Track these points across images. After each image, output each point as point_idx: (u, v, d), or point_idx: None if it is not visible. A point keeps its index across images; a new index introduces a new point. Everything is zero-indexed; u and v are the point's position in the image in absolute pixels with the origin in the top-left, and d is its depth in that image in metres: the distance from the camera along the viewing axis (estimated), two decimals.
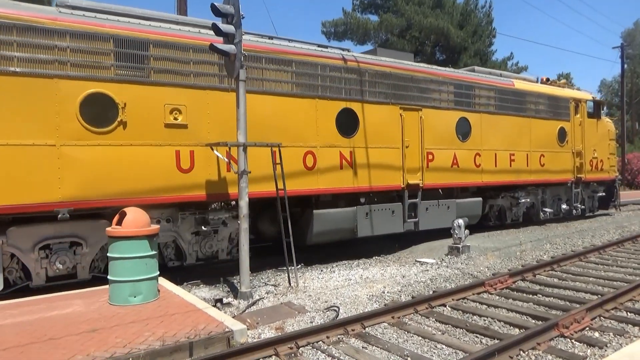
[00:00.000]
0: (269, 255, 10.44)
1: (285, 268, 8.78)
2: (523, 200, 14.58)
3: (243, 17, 7.79)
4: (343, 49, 10.93)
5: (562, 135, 15.53)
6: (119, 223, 6.41)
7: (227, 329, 5.41)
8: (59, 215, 7.19)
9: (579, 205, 16.51)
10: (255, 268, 9.28)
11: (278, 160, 8.51)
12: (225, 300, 7.31)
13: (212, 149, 8.22)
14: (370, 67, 10.74)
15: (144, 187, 7.86)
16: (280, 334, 5.82)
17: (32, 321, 5.72)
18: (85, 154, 7.42)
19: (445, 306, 7.10)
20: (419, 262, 10.37)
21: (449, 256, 10.80)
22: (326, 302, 7.35)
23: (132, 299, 6.27)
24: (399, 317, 6.56)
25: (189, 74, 8.37)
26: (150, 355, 4.80)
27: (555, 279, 8.61)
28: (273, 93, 9.30)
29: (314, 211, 9.90)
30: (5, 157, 6.86)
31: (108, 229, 6.45)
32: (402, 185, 11.24)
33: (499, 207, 14.42)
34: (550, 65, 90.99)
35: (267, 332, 6.05)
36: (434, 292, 7.81)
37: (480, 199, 13.22)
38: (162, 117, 8.07)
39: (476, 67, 14.20)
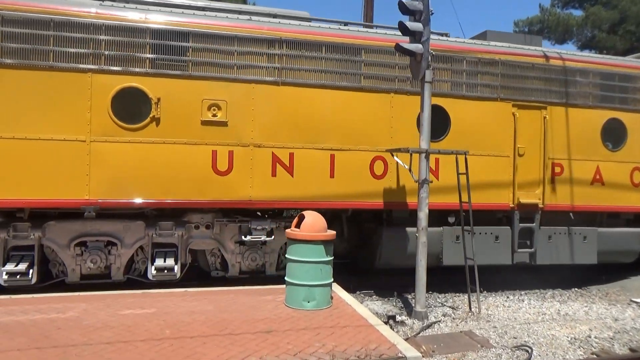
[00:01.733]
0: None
1: (462, 289, 7.88)
2: None
3: (432, 14, 7.23)
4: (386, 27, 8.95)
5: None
6: (298, 226, 6.41)
7: (400, 354, 4.89)
8: (85, 214, 7.10)
9: None
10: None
11: (463, 170, 7.69)
12: (398, 318, 6.81)
13: (393, 155, 7.81)
14: (469, 54, 8.68)
15: (178, 188, 7.30)
16: None
17: (217, 312, 6.02)
18: (115, 151, 7.10)
19: None
20: (636, 303, 8.39)
21: None
22: (515, 338, 6.29)
23: (305, 303, 6.20)
24: None
25: (232, 66, 7.58)
26: None
27: None
28: (336, 87, 8.01)
29: (384, 229, 8.36)
30: (36, 152, 6.81)
31: (288, 230, 6.50)
32: (511, 205, 8.76)
33: None
34: None
35: None
36: None
37: (639, 230, 9.73)
38: (199, 113, 7.41)
39: None
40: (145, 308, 6.09)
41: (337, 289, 7.17)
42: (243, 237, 7.77)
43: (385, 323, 6.23)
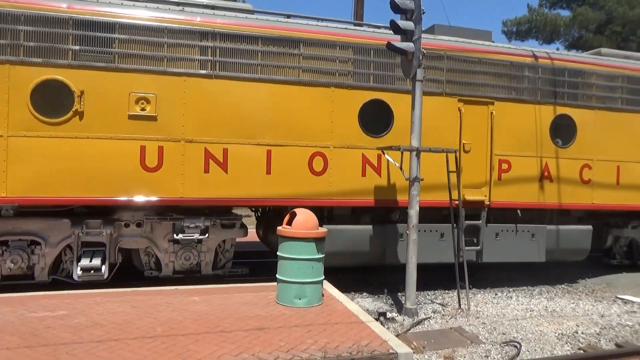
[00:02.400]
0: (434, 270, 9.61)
1: (452, 286, 7.96)
2: None
3: (424, 13, 7.27)
4: (370, 25, 8.80)
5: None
6: (289, 223, 6.42)
7: (391, 350, 4.93)
8: (2, 212, 6.85)
9: None
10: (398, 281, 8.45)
11: (453, 168, 7.76)
12: (389, 315, 6.86)
13: (384, 153, 7.85)
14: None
15: (104, 185, 7.01)
16: None
17: (209, 310, 6.01)
18: (36, 146, 6.78)
19: None
20: (622, 299, 8.53)
21: None
22: (504, 334, 6.37)
23: (297, 301, 6.22)
24: None
25: (162, 59, 7.28)
26: None
27: None
28: (273, 81, 7.74)
29: (323, 226, 7.77)
30: None
31: (279, 228, 6.51)
32: (456, 202, 8.40)
33: (628, 240, 10.46)
34: None
35: None
36: None
37: (589, 227, 9.52)
38: (126, 107, 7.10)
39: (604, 50, 10.71)
40: (136, 306, 6.06)
41: (328, 286, 7.20)
42: (175, 235, 7.52)
43: (376, 320, 6.27)
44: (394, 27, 7.21)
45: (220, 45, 7.52)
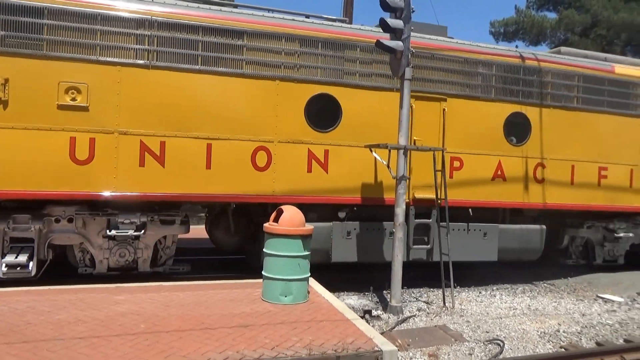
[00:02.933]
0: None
1: (436, 284, 8.02)
2: (623, 235, 10.18)
3: (414, 11, 7.30)
4: (308, 15, 8.48)
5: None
6: (276, 220, 6.39)
7: (376, 348, 4.94)
8: None
9: None
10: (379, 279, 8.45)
11: (439, 167, 7.81)
12: (374, 313, 6.89)
13: (371, 151, 7.85)
14: (364, 41, 8.15)
15: (31, 178, 6.72)
16: None
17: (194, 307, 5.96)
18: None
19: None
20: (602, 298, 8.68)
21: None
22: (487, 332, 6.44)
23: (282, 298, 6.20)
24: None
25: (94, 47, 6.97)
26: None
27: None
28: (214, 72, 7.49)
29: (265, 224, 7.65)
30: None
31: (265, 224, 6.48)
32: (406, 200, 8.01)
33: (583, 240, 10.30)
34: None
35: (419, 358, 5.46)
36: (626, 340, 6.36)
37: (542, 227, 9.39)
38: (55, 96, 6.79)
39: (563, 48, 10.60)
40: (119, 302, 5.98)
41: (313, 283, 7.18)
42: (108, 231, 7.23)
43: (362, 317, 6.28)
44: (384, 26, 7.22)
45: (158, 34, 7.23)
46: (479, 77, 8.90)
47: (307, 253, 6.35)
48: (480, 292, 8.74)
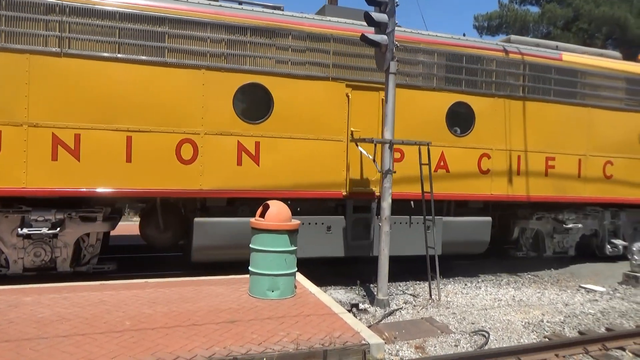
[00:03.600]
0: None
1: (423, 277, 8.10)
2: (572, 226, 10.10)
3: (397, 5, 7.29)
4: (241, 2, 8.11)
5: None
6: (262, 215, 6.37)
7: (363, 341, 4.97)
8: None
9: None
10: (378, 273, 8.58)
11: (425, 160, 7.84)
12: (361, 306, 6.92)
13: (357, 145, 7.86)
14: (297, 29, 7.88)
15: None
16: (421, 354, 5.23)
17: (180, 303, 5.92)
18: None
19: (624, 350, 5.82)
20: (584, 288, 8.84)
21: (624, 286, 9.05)
22: (473, 323, 6.51)
23: (269, 293, 6.19)
24: (564, 356, 5.49)
25: None
26: (284, 358, 4.57)
27: None
28: (133, 61, 7.17)
29: (195, 219, 7.47)
30: None
31: (252, 220, 6.45)
32: (344, 193, 8.09)
33: (533, 232, 10.17)
34: None
35: (406, 350, 5.49)
36: (608, 329, 6.48)
37: (487, 219, 9.20)
38: None
39: (513, 37, 10.33)
40: (104, 300, 5.92)
41: (301, 278, 7.19)
42: (20, 230, 6.85)
43: (349, 311, 6.31)
44: (368, 20, 7.21)
45: (70, 20, 6.88)
46: (420, 66, 8.62)
47: (294, 248, 6.35)
48: (465, 284, 8.83)
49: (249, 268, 6.39)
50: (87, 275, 7.39)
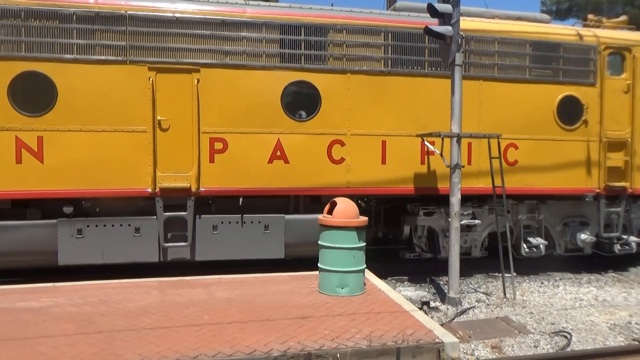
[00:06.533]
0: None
1: (493, 274, 7.81)
2: (466, 222, 8.12)
3: None
4: None
5: (571, 110, 8.61)
6: (330, 212, 6.41)
7: (437, 340, 4.88)
8: None
9: (621, 236, 8.92)
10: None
11: (495, 154, 7.54)
12: (432, 304, 6.78)
13: (423, 140, 7.71)
14: (80, 6, 6.95)
15: None
16: (498, 354, 5.05)
17: (252, 299, 6.10)
18: None
19: None
20: None
21: None
22: (552, 324, 6.20)
23: (339, 290, 6.22)
24: None
25: None
26: (357, 354, 4.58)
27: None
28: None
29: (319, 217, 6.84)
30: None
31: (320, 217, 6.50)
32: (150, 190, 7.15)
33: (425, 229, 8.48)
34: None
35: (482, 350, 5.32)
36: None
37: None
38: None
39: (399, 3, 8.54)
40: (182, 295, 6.21)
41: (369, 275, 7.16)
42: None
43: (420, 309, 6.20)
44: (432, 11, 7.04)
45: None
46: (244, 41, 7.45)
47: (362, 245, 6.34)
48: (542, 283, 8.41)
49: (318, 265, 6.46)
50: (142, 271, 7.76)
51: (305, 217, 7.67)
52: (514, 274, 7.56)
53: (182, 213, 7.26)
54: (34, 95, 6.89)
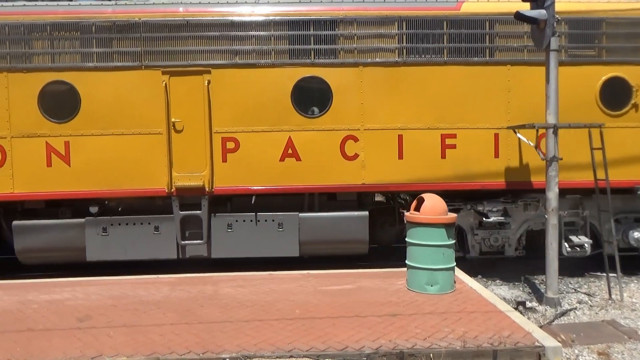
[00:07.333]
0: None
1: (595, 273, 7.24)
2: (493, 219, 7.67)
3: None
4: None
5: (620, 93, 7.63)
6: (417, 209, 6.31)
7: (537, 343, 4.63)
8: None
9: None
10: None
11: (598, 145, 6.97)
12: (528, 305, 6.45)
13: (515, 132, 7.32)
14: (97, 17, 7.30)
15: None
16: None
17: (341, 295, 6.17)
18: None
19: None
20: None
21: None
22: None
23: (428, 287, 6.11)
24: None
25: None
26: (452, 355, 4.48)
27: None
28: None
29: (14, 222, 7.39)
30: None
31: (407, 214, 6.42)
32: (167, 190, 7.41)
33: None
34: None
35: (587, 356, 4.97)
36: None
37: (364, 213, 7.63)
38: None
39: None
40: (273, 289, 6.44)
41: (459, 273, 6.95)
42: None
43: (515, 309, 5.94)
44: None
45: None
46: (253, 40, 7.45)
47: (451, 242, 6.18)
48: None
49: (406, 262, 6.39)
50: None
51: (320, 215, 7.70)
52: (620, 273, 6.96)
53: (197, 212, 7.52)
54: (60, 103, 7.40)
